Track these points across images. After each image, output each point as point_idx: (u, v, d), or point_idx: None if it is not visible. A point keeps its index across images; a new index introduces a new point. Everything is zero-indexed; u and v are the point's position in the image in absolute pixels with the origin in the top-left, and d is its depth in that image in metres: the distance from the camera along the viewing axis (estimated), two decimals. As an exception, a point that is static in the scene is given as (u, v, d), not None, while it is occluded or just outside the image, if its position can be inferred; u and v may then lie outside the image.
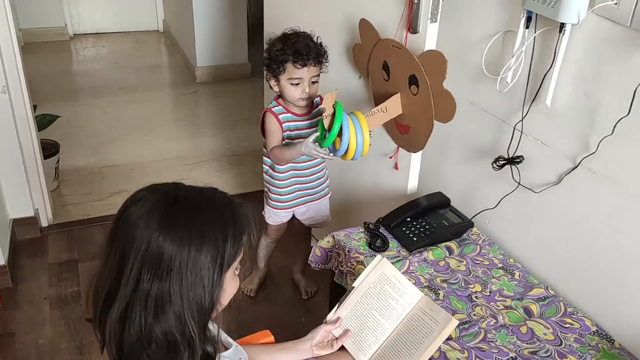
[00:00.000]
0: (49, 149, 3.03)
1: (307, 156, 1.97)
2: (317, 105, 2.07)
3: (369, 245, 1.76)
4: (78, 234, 2.83)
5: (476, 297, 1.57)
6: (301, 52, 1.90)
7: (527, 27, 1.53)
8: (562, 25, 1.41)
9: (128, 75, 4.73)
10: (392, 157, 2.04)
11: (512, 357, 1.39)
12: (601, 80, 1.40)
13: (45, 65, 4.71)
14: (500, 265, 1.70)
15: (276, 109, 2.02)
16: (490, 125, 1.75)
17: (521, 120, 1.61)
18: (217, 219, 0.98)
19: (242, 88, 4.58)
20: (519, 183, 1.66)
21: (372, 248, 1.75)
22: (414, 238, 1.76)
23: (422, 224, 1.80)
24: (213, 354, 1.03)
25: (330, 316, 1.43)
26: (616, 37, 1.34)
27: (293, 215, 2.27)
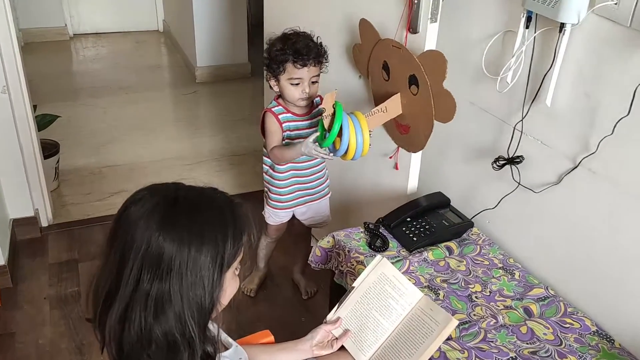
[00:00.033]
0: (49, 149, 3.03)
1: (307, 156, 1.97)
2: (317, 105, 2.07)
3: (369, 245, 1.76)
4: (78, 234, 2.83)
5: (476, 297, 1.57)
6: (301, 52, 1.90)
7: (527, 27, 1.53)
8: (562, 25, 1.41)
9: (128, 75, 4.73)
10: (392, 157, 2.04)
11: (512, 357, 1.39)
12: (601, 80, 1.40)
13: (45, 65, 4.71)
14: (500, 265, 1.70)
15: (276, 109, 2.02)
16: (490, 125, 1.75)
17: (521, 120, 1.61)
18: (217, 219, 0.98)
19: (242, 88, 4.58)
20: (519, 183, 1.66)
21: (372, 248, 1.75)
22: (414, 238, 1.76)
23: (422, 224, 1.80)
24: (213, 354, 1.03)
25: (330, 316, 1.43)
26: (616, 37, 1.34)
27: (293, 215, 2.27)
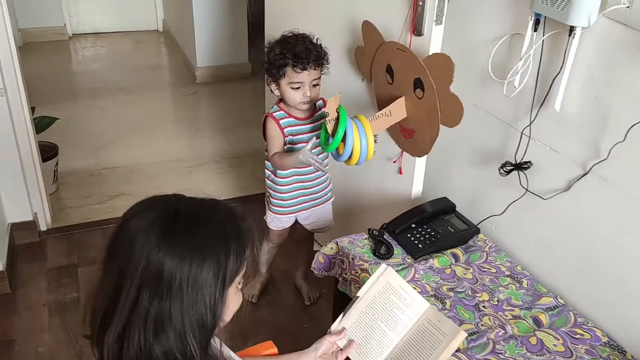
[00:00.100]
0: (48, 152, 2.99)
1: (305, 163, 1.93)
2: (319, 108, 2.03)
3: (373, 253, 1.73)
4: (77, 238, 2.79)
5: (484, 307, 1.54)
6: (300, 55, 1.86)
7: (535, 29, 1.49)
8: (571, 29, 1.38)
9: (127, 76, 4.69)
10: (396, 162, 2.01)
11: (521, 369, 1.36)
12: (612, 85, 1.37)
13: (44, 66, 4.67)
14: (507, 273, 1.66)
15: (277, 113, 1.99)
16: (497, 129, 1.71)
17: (529, 125, 1.57)
18: (219, 233, 0.94)
19: (243, 88, 4.54)
20: (526, 189, 1.62)
21: (376, 255, 1.71)
22: (419, 245, 1.73)
23: (428, 230, 1.77)
24: (215, 371, 0.99)
25: (335, 326, 1.40)
26: (628, 41, 1.31)
27: (295, 220, 2.23)
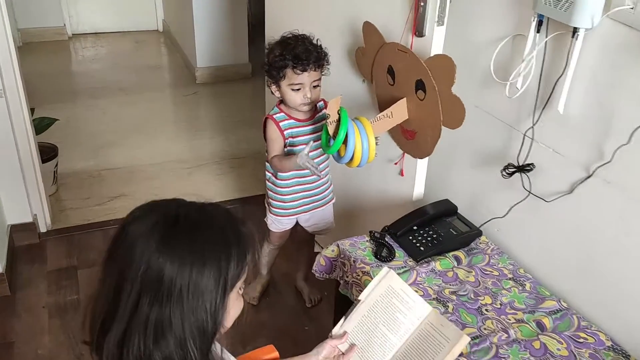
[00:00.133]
0: (47, 153, 2.98)
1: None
2: (320, 109, 2.02)
3: (374, 255, 1.71)
4: (77, 239, 2.78)
5: (486, 310, 1.53)
6: (300, 57, 1.85)
7: (538, 31, 1.48)
8: (575, 30, 1.37)
9: (127, 76, 4.68)
10: (397, 163, 1.99)
11: (524, 374, 1.34)
12: (616, 87, 1.35)
13: (43, 66, 4.67)
14: (510, 276, 1.65)
15: (277, 115, 1.97)
16: (500, 131, 1.70)
17: (532, 127, 1.56)
18: (219, 238, 0.93)
19: (243, 88, 4.53)
20: (529, 192, 1.61)
21: (378, 258, 1.70)
22: (421, 247, 1.72)
23: (429, 232, 1.76)
24: (216, 377, 0.99)
25: (336, 330, 1.38)
26: (632, 42, 1.29)
27: (296, 222, 2.22)
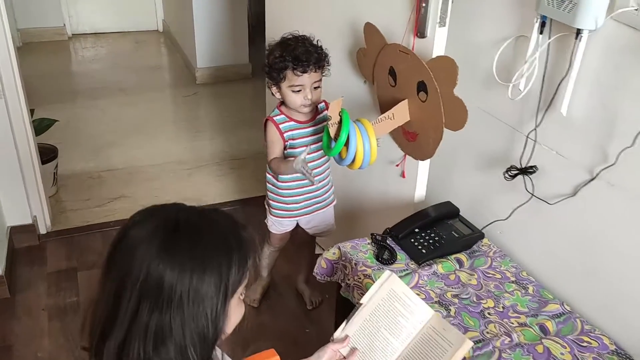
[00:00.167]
0: (47, 154, 2.96)
1: (300, 172, 1.87)
2: (321, 110, 2.01)
3: (376, 258, 1.70)
4: (77, 241, 2.77)
5: (489, 314, 1.51)
6: (300, 58, 1.83)
7: (541, 32, 1.47)
8: (578, 31, 1.35)
9: (127, 76, 4.67)
10: (398, 165, 1.98)
11: (527, 378, 1.33)
12: (620, 89, 1.34)
13: (43, 66, 4.66)
14: (513, 279, 1.64)
15: (278, 117, 1.96)
16: (502, 133, 1.69)
17: (534, 129, 1.55)
18: (220, 244, 0.92)
19: (243, 89, 4.52)
20: (532, 194, 1.60)
21: (379, 261, 1.69)
22: (423, 250, 1.71)
23: (431, 235, 1.75)
24: (217, 384, 0.97)
25: (338, 334, 1.37)
26: (636, 44, 1.28)
27: (296, 224, 2.21)
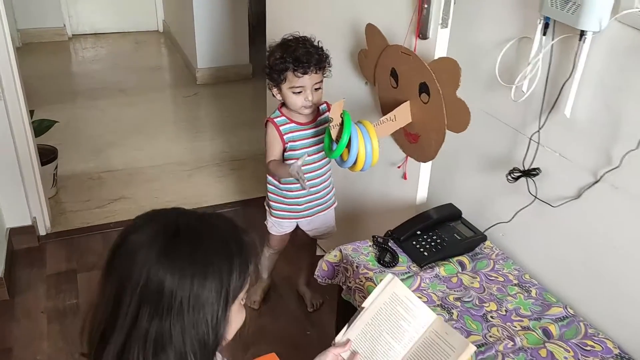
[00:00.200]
0: (47, 155, 2.95)
1: (296, 176, 1.85)
2: (323, 112, 2.00)
3: (377, 260, 1.69)
4: (77, 242, 2.75)
5: (491, 317, 1.50)
6: (301, 59, 1.82)
7: (544, 33, 1.46)
8: (582, 33, 1.34)
9: (127, 77, 4.65)
10: (400, 167, 1.97)
11: (531, 383, 1.32)
12: (625, 90, 1.33)
13: (43, 67, 4.64)
14: (515, 281, 1.63)
15: (278, 119, 1.95)
16: (505, 135, 1.68)
17: (538, 131, 1.54)
18: (221, 249, 0.91)
19: (244, 89, 4.50)
20: (535, 196, 1.59)
21: (381, 263, 1.68)
22: (425, 253, 1.69)
23: (433, 237, 1.73)
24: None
25: (339, 338, 1.36)
26: (641, 45, 1.27)
27: (297, 226, 2.20)
